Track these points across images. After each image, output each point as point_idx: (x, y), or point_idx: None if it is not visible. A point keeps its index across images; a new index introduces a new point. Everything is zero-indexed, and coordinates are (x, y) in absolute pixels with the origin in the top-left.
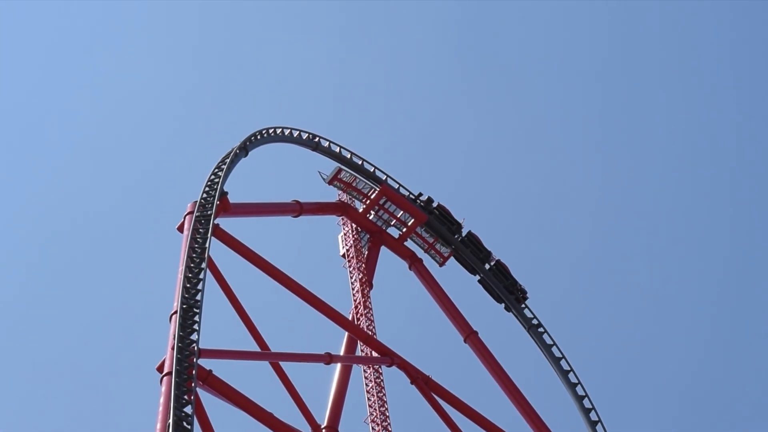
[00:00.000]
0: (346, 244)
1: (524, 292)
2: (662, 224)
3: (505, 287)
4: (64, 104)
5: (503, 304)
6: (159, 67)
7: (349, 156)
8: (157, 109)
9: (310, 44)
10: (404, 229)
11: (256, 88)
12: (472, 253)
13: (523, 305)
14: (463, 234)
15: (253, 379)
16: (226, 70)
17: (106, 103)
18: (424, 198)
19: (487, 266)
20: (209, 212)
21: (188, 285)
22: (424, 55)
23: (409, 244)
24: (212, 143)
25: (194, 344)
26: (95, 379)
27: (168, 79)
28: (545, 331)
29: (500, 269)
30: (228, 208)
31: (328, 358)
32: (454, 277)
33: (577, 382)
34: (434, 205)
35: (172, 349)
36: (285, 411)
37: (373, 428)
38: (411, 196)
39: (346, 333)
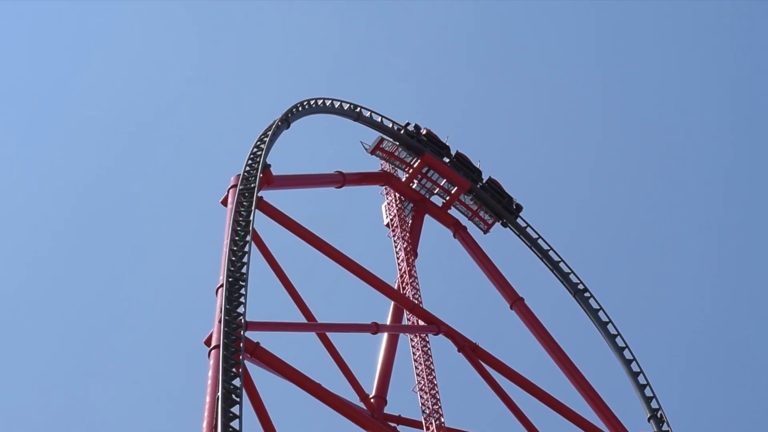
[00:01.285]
0: (390, 214)
1: (519, 207)
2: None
3: (501, 204)
4: (107, 79)
5: (500, 221)
6: (201, 42)
7: (390, 125)
8: (198, 84)
9: (342, 17)
10: (447, 197)
11: (294, 61)
12: (463, 174)
13: (518, 218)
14: (453, 154)
15: (301, 351)
16: (264, 43)
17: (147, 79)
18: (411, 127)
19: (479, 185)
20: (253, 185)
21: (233, 258)
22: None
23: (452, 211)
24: (254, 116)
25: (241, 317)
26: (143, 354)
27: (211, 52)
28: (591, 295)
29: (493, 186)
30: (271, 181)
31: (375, 328)
32: (499, 243)
33: (624, 346)
34: (422, 132)
35: (219, 322)
36: (333, 381)
37: (421, 396)
38: (399, 128)
39: (392, 302)
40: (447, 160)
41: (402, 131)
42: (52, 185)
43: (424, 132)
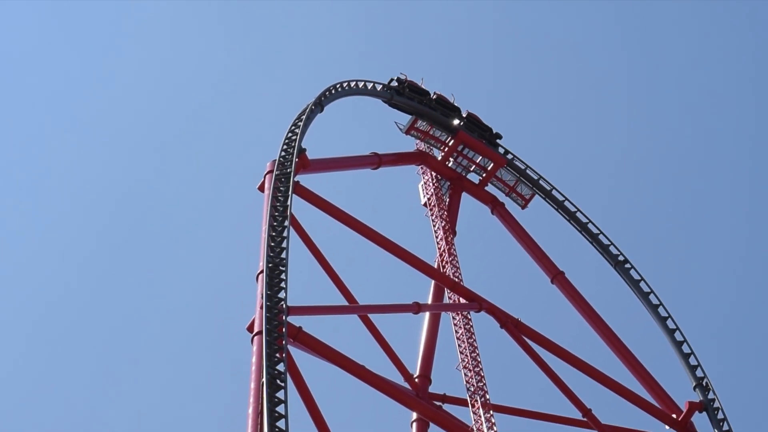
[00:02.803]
0: (427, 193)
1: (499, 135)
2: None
3: (481, 136)
4: (140, 70)
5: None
6: (230, 32)
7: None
8: (230, 72)
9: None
10: (484, 174)
11: (324, 44)
12: (442, 114)
13: (498, 145)
14: (432, 96)
15: (343, 334)
16: (293, 28)
17: (181, 69)
18: (395, 83)
19: (460, 123)
20: (289, 170)
21: (272, 244)
22: None
23: (489, 188)
24: (287, 101)
25: (282, 302)
26: (186, 343)
27: (241, 40)
28: (632, 266)
29: (472, 120)
30: (307, 165)
31: (417, 308)
32: (537, 218)
33: (667, 315)
34: (405, 83)
35: (261, 308)
36: (376, 363)
37: (465, 374)
38: (383, 87)
39: (433, 281)
40: (424, 103)
41: (386, 89)
42: (97, 180)
43: (407, 84)
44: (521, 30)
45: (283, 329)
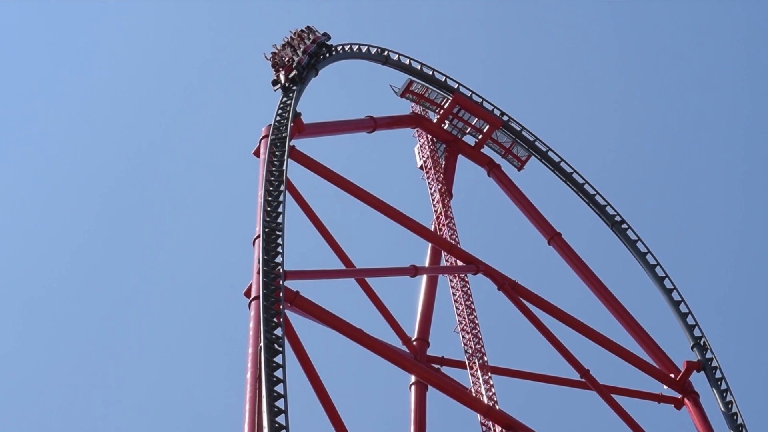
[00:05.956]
0: (423, 156)
1: (328, 36)
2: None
3: (319, 55)
4: (138, 39)
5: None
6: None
7: (419, 67)
8: (224, 36)
9: None
10: (480, 136)
11: (318, 8)
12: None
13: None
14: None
15: (341, 298)
16: None
17: (174, 35)
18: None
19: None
20: (284, 134)
21: (269, 208)
22: None
23: (485, 150)
24: None
25: (279, 266)
26: (184, 309)
27: (232, 7)
28: (629, 227)
29: (324, 44)
30: (302, 129)
31: (414, 271)
32: (533, 180)
33: (664, 275)
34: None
35: (258, 273)
36: (374, 326)
37: (463, 337)
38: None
39: (430, 244)
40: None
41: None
42: (99, 148)
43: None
44: None
45: (281, 294)
